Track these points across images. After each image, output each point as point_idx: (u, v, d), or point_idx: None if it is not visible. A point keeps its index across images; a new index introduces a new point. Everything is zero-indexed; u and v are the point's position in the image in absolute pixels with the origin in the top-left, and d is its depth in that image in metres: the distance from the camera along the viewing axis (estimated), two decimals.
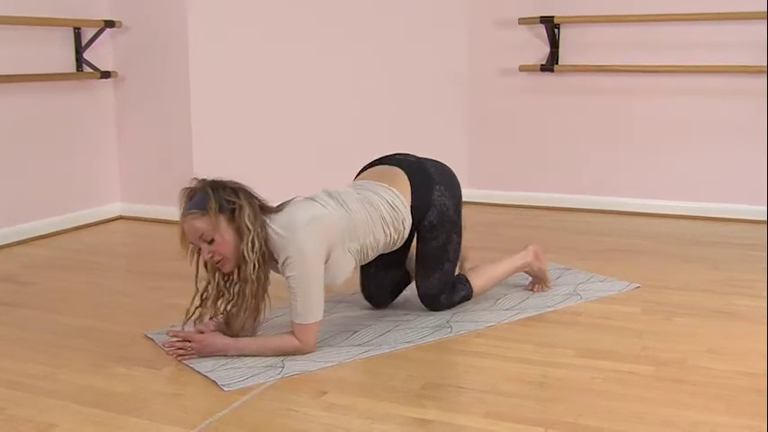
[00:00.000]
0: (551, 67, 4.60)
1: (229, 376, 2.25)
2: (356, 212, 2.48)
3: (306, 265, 2.32)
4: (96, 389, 2.21)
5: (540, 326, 2.71)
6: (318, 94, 4.54)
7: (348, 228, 2.45)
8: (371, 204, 2.54)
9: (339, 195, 2.53)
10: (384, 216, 2.54)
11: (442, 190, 2.66)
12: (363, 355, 2.42)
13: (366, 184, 2.66)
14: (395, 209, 2.57)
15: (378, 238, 2.54)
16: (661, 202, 4.51)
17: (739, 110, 4.31)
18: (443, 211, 2.65)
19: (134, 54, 4.42)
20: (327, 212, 2.42)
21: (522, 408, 2.06)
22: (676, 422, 1.97)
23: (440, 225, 2.65)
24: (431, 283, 2.74)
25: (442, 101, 4.84)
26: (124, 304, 3.01)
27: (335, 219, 2.42)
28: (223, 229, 2.35)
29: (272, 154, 4.50)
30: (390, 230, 2.56)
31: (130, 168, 4.57)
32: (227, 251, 2.36)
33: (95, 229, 4.35)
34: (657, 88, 4.47)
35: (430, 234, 2.65)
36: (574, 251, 3.68)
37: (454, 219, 2.69)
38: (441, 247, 2.69)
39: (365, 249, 2.52)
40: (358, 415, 2.03)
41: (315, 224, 2.36)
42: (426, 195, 2.63)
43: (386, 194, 2.58)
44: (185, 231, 2.39)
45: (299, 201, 2.50)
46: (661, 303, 2.90)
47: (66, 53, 4.22)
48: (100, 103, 4.44)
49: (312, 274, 2.33)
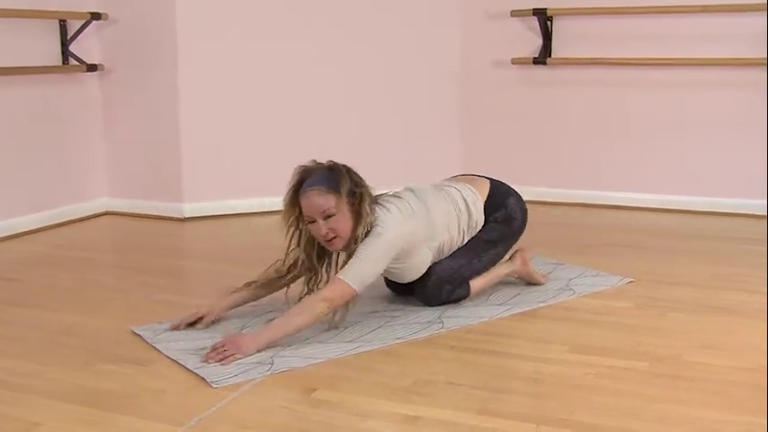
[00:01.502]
0: (544, 60, 4.60)
1: (218, 373, 2.25)
2: (436, 212, 2.71)
3: (381, 248, 2.49)
4: (84, 386, 2.20)
5: (533, 321, 2.71)
6: (310, 91, 4.53)
7: (429, 228, 2.67)
8: (451, 202, 2.79)
9: (422, 194, 2.74)
10: (460, 215, 2.79)
11: (518, 203, 2.94)
12: (353, 352, 2.42)
13: (449, 182, 2.97)
14: (470, 209, 2.81)
15: (452, 235, 2.77)
16: (655, 197, 4.52)
17: (735, 102, 4.32)
18: (511, 215, 2.89)
19: (121, 47, 4.40)
20: (415, 221, 2.62)
21: (514, 404, 2.06)
22: (672, 419, 1.97)
23: (500, 225, 2.87)
24: (449, 266, 2.77)
25: (434, 94, 4.84)
26: (111, 300, 2.99)
27: (421, 224, 2.64)
28: (345, 210, 2.51)
29: (263, 149, 4.49)
30: (463, 229, 2.80)
31: (117, 163, 4.55)
32: (344, 230, 2.51)
33: (82, 224, 4.34)
34: (652, 81, 4.47)
35: (487, 227, 2.86)
36: (567, 246, 3.69)
37: (513, 232, 2.91)
38: (486, 242, 2.85)
39: (442, 246, 2.74)
40: (348, 412, 2.03)
41: (406, 228, 2.58)
42: (502, 198, 2.91)
43: (465, 192, 2.84)
44: (308, 204, 2.50)
45: (391, 200, 2.65)
46: (655, 298, 2.91)
47: (51, 46, 4.19)
48: (86, 96, 4.42)
49: (382, 257, 2.51)
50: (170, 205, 4.43)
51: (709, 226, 4.13)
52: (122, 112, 4.49)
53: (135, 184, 4.52)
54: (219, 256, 3.65)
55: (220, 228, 4.25)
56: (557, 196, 4.72)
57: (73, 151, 4.37)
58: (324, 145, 4.60)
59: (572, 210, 4.57)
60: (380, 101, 4.72)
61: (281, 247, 2.66)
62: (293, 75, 4.49)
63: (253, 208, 4.48)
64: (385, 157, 4.73)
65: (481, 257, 2.85)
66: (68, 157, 4.35)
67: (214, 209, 4.44)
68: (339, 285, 2.47)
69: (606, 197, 4.61)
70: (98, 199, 4.55)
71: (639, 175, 4.56)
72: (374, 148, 4.71)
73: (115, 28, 4.39)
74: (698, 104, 4.40)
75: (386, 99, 4.73)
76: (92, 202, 4.51)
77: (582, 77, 4.62)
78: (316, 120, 4.56)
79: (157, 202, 4.48)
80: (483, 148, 4.89)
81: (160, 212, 4.46)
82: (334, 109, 4.60)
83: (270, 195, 4.50)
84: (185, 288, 3.19)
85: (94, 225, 4.36)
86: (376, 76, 4.68)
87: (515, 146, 4.82)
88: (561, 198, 4.71)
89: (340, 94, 4.61)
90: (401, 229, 2.56)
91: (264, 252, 3.64)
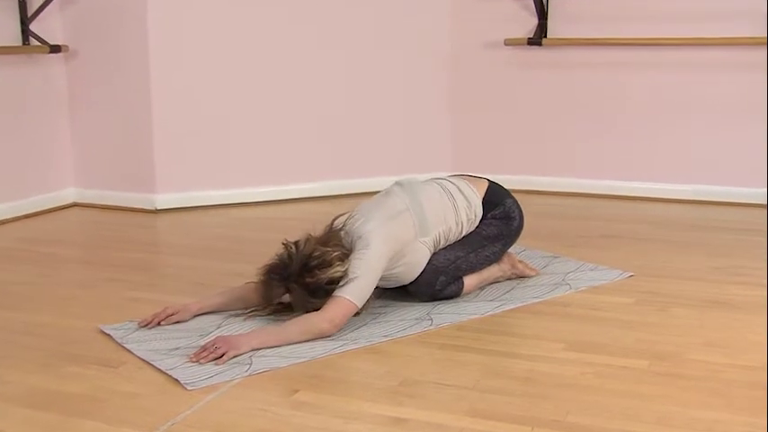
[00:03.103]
0: (539, 41, 4.60)
1: (193, 374, 2.24)
2: (427, 204, 2.78)
3: (373, 258, 2.58)
4: (46, 390, 2.19)
5: (527, 318, 2.72)
6: (291, 74, 4.51)
7: (420, 222, 2.74)
8: (445, 191, 2.87)
9: (411, 187, 2.84)
10: (457, 206, 2.85)
11: (516, 204, 3.01)
12: (338, 350, 2.42)
13: (444, 176, 3.07)
14: (468, 199, 2.89)
15: (449, 226, 2.83)
16: (656, 185, 4.54)
17: (741, 85, 4.33)
18: (509, 214, 2.96)
19: (87, 26, 4.37)
20: (400, 220, 2.70)
21: (506, 405, 2.06)
22: (672, 419, 1.98)
23: (498, 222, 2.93)
24: (445, 256, 2.81)
25: (422, 77, 4.83)
26: (78, 297, 2.98)
27: (408, 220, 2.72)
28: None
29: (240, 137, 4.48)
30: (462, 220, 2.85)
31: (85, 151, 4.52)
32: None
33: (47, 216, 4.31)
34: (654, 62, 4.48)
35: (484, 223, 2.92)
36: (563, 238, 3.70)
37: (511, 232, 2.97)
38: (484, 238, 2.90)
39: (438, 238, 2.80)
40: (331, 414, 2.03)
41: (390, 231, 2.67)
42: (500, 197, 2.99)
43: (461, 185, 2.93)
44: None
45: (377, 204, 2.76)
46: (656, 293, 2.92)
47: (10, 24, 4.15)
48: (50, 79, 4.39)
49: (376, 266, 2.58)
50: (142, 196, 4.41)
51: (715, 216, 4.15)
52: (89, 96, 4.46)
53: (104, 173, 4.50)
54: (194, 250, 3.64)
55: (195, 220, 4.24)
56: (552, 185, 4.73)
57: (36, 139, 4.34)
58: (304, 134, 4.60)
59: (568, 200, 4.59)
60: (364, 87, 4.71)
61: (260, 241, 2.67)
62: (274, 59, 4.47)
63: (229, 199, 4.47)
64: (369, 147, 4.74)
65: (478, 252, 2.89)
66: (31, 146, 4.32)
67: (189, 200, 4.42)
68: (341, 304, 2.51)
69: (605, 186, 4.62)
70: (64, 190, 4.53)
71: (640, 162, 4.57)
72: (357, 137, 4.71)
73: (80, 5, 4.36)
74: (703, 88, 4.41)
75: (369, 85, 4.72)
76: (57, 193, 4.48)
77: (580, 59, 4.63)
78: (296, 107, 4.55)
79: (128, 192, 4.46)
80: (474, 135, 4.89)
81: (131, 204, 4.44)
82: (315, 96, 4.58)
83: (247, 186, 4.51)
84: (158, 284, 3.18)
85: (60, 217, 4.34)
86: (359, 60, 4.67)
87: (508, 133, 4.82)
88: (557, 187, 4.72)
89: (322, 80, 4.59)
90: (386, 232, 2.64)
91: (242, 245, 3.66)
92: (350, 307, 2.53)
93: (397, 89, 4.78)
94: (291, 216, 4.22)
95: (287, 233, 2.72)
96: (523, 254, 3.30)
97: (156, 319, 2.63)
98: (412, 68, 4.79)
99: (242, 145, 4.48)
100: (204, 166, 4.45)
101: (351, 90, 4.68)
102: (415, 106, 4.83)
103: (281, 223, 4.00)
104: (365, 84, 4.71)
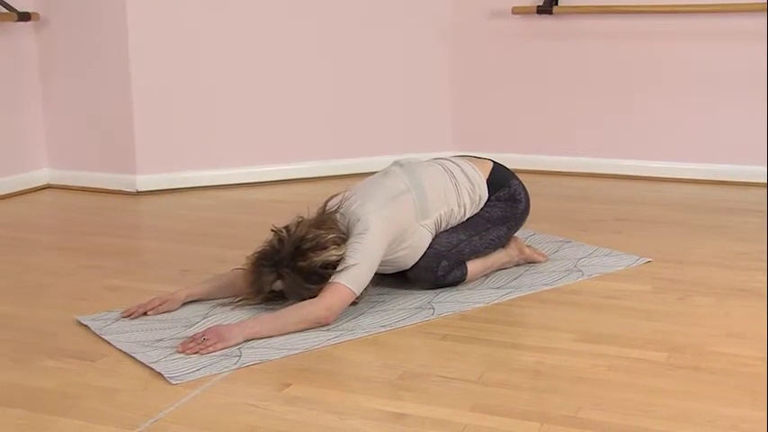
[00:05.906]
0: (549, 9, 4.59)
1: (177, 367, 2.25)
2: (428, 184, 2.81)
3: (372, 242, 2.59)
4: (19, 386, 2.20)
5: (535, 306, 2.72)
6: (283, 47, 4.50)
7: (420, 203, 2.76)
8: (447, 172, 2.89)
9: (410, 168, 2.88)
10: (459, 186, 2.87)
11: (521, 186, 3.03)
12: (333, 341, 2.42)
13: (446, 156, 3.10)
14: (471, 180, 2.91)
15: (451, 208, 2.85)
16: (676, 165, 4.54)
17: None
18: (515, 196, 2.98)
19: None
20: (400, 202, 2.72)
21: (513, 400, 2.07)
22: (692, 416, 1.99)
23: (503, 204, 2.95)
24: (447, 240, 2.82)
25: (422, 49, 4.82)
26: (53, 286, 2.98)
27: (408, 202, 2.74)
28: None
29: (225, 115, 4.47)
30: (465, 202, 2.87)
31: (58, 129, 4.52)
32: None
33: (18, 199, 4.31)
34: (678, 32, 4.45)
35: (489, 204, 2.94)
36: (575, 221, 3.70)
37: (516, 215, 2.98)
38: (488, 221, 2.91)
39: (439, 220, 2.83)
40: (326, 409, 2.03)
41: (388, 213, 2.68)
42: (505, 178, 3.00)
43: (464, 166, 2.95)
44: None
45: (375, 184, 2.79)
46: (674, 280, 2.93)
47: None
48: (19, 50, 4.37)
49: (375, 251, 2.59)
50: (121, 177, 4.41)
51: (739, 198, 4.15)
52: (63, 68, 4.45)
53: (80, 153, 4.50)
54: (178, 235, 3.64)
55: (179, 202, 4.24)
56: (563, 165, 4.73)
57: (4, 115, 4.33)
58: (297, 110, 4.60)
59: (581, 180, 4.59)
60: (359, 60, 4.70)
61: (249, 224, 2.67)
62: (261, 30, 4.46)
63: (216, 180, 4.47)
64: (365, 124, 4.73)
65: (482, 235, 2.89)
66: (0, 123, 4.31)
67: (172, 181, 4.42)
68: (338, 290, 2.52)
69: (620, 166, 4.62)
70: (37, 171, 4.52)
71: (659, 140, 4.57)
72: (353, 113, 4.70)
73: None
74: (730, 58, 4.37)
75: (365, 58, 4.71)
76: (30, 174, 4.48)
77: (594, 29, 4.62)
78: (285, 83, 4.54)
79: (106, 173, 4.45)
80: (479, 111, 4.89)
81: (109, 186, 4.44)
82: (305, 69, 4.57)
83: (233, 167, 4.51)
84: (139, 271, 3.18)
85: (33, 200, 4.34)
86: (353, 31, 4.65)
87: (516, 109, 4.82)
88: (568, 167, 4.72)
89: (313, 53, 4.58)
90: (386, 214, 2.66)
91: (230, 229, 3.66)
92: (348, 294, 2.53)
93: (395, 62, 4.77)
94: (283, 198, 4.22)
95: (278, 216, 2.73)
96: (532, 238, 3.31)
97: (141, 309, 2.63)
98: (411, 40, 4.78)
99: (230, 122, 4.47)
100: (189, 144, 4.45)
101: (346, 63, 4.67)
102: (414, 80, 4.83)
103: (271, 206, 4.00)
104: (360, 56, 4.70)
